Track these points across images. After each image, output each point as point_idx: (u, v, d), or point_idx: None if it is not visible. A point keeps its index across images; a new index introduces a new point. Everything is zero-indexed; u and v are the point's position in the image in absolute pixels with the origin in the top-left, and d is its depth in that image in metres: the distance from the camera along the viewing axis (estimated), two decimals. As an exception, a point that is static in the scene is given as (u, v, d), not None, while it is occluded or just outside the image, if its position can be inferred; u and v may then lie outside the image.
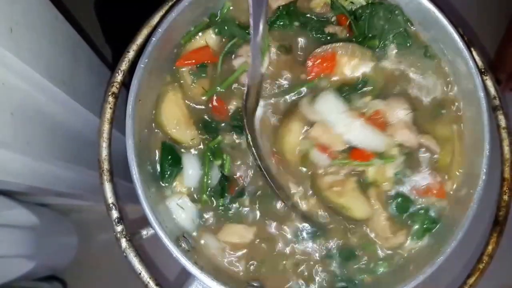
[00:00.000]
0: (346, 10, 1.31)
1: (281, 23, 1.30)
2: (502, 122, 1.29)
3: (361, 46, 1.27)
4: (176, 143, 1.28)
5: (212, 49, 1.29)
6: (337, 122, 1.18)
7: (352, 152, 1.20)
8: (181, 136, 1.27)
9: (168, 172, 1.26)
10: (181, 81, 1.29)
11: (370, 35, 1.30)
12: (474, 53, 1.30)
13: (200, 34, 1.30)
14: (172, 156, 1.27)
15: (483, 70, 1.31)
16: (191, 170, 1.26)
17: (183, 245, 1.20)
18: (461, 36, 1.26)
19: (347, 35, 1.31)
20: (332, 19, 1.33)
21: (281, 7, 1.30)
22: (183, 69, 1.29)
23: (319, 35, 1.30)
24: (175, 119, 1.27)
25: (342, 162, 1.20)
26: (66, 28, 1.42)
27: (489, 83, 1.31)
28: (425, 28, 1.31)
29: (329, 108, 1.18)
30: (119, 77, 1.25)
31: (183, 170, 1.27)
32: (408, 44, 1.32)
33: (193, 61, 1.29)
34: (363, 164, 1.20)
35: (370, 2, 1.31)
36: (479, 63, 1.31)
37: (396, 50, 1.31)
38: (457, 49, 1.26)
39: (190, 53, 1.29)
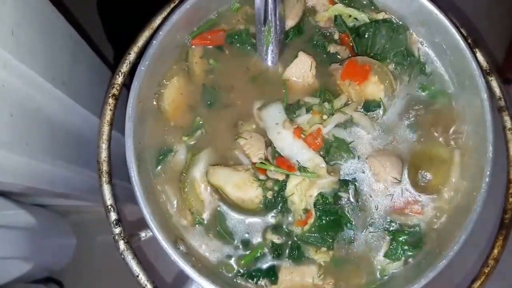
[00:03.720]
0: (347, 28, 1.35)
1: (294, 40, 1.36)
2: (508, 123, 1.28)
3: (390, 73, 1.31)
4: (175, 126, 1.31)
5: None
6: (272, 129, 1.24)
7: (278, 158, 1.23)
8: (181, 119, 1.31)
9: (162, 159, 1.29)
10: (187, 65, 1.33)
11: (371, 54, 1.32)
12: (479, 54, 1.29)
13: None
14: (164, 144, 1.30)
15: (488, 71, 1.29)
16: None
17: (181, 247, 1.19)
18: (464, 37, 1.25)
19: (349, 55, 1.34)
20: (335, 35, 1.36)
21: (292, 29, 1.34)
22: (193, 47, 1.34)
23: (324, 54, 1.34)
24: (177, 103, 1.31)
25: (262, 165, 1.22)
26: (67, 29, 1.42)
27: (494, 83, 1.30)
28: (428, 29, 1.31)
29: (270, 116, 1.26)
30: (119, 79, 1.25)
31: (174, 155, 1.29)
32: (405, 63, 1.33)
33: (208, 41, 1.35)
34: (280, 171, 1.21)
35: (374, 20, 1.33)
36: (484, 64, 1.30)
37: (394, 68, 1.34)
38: (459, 50, 1.25)
39: (206, 34, 1.34)
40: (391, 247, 1.24)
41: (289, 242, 1.24)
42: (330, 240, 1.22)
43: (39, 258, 2.11)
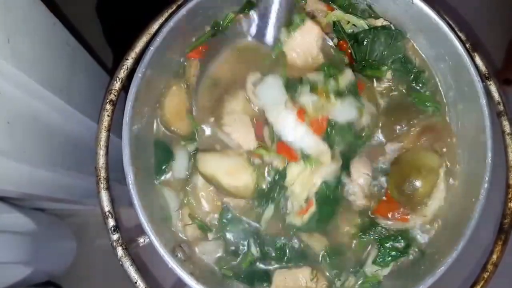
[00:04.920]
0: (346, 35, 1.33)
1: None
2: (507, 128, 1.27)
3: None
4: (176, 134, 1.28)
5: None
6: (271, 110, 1.13)
7: (279, 144, 1.13)
8: (181, 127, 1.28)
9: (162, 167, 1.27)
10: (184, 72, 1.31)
11: (370, 60, 1.31)
12: (478, 58, 1.29)
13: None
14: (165, 151, 1.28)
15: (487, 76, 1.29)
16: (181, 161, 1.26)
17: (179, 255, 1.18)
18: (462, 42, 1.25)
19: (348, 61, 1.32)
20: (334, 40, 1.33)
21: None
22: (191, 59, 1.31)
23: None
24: (177, 111, 1.28)
25: (261, 151, 1.15)
26: (64, 35, 1.41)
27: (493, 88, 1.30)
28: (426, 35, 1.31)
29: (268, 94, 1.14)
30: (117, 84, 1.24)
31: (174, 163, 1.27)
32: (403, 70, 1.33)
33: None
34: (281, 158, 1.14)
35: (372, 27, 1.32)
36: (483, 68, 1.30)
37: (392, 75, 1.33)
38: (458, 56, 1.24)
39: (201, 47, 1.31)
40: (379, 253, 1.24)
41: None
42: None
43: (39, 263, 2.10)
